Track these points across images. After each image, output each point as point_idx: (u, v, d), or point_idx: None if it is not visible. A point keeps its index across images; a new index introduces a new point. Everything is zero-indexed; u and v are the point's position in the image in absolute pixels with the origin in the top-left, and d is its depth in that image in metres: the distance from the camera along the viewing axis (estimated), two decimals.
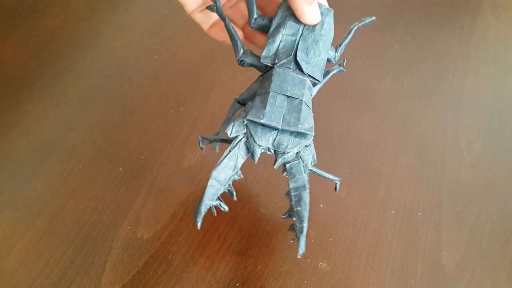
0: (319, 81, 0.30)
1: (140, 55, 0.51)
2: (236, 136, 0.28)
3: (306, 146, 0.28)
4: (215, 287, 0.35)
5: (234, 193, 0.28)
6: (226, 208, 0.28)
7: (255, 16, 0.30)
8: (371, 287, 0.35)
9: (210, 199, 0.27)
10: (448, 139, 0.44)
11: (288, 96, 0.28)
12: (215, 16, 0.32)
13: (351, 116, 0.45)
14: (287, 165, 0.28)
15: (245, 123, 0.28)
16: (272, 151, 0.28)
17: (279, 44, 0.29)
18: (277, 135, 0.27)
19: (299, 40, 0.29)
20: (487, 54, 0.52)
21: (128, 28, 0.53)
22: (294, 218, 0.27)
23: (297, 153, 0.28)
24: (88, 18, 0.54)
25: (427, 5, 0.57)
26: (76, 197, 0.39)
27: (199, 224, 0.27)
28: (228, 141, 0.29)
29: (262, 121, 0.27)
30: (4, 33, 0.52)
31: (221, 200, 0.28)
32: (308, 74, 0.29)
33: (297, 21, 0.29)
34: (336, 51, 0.31)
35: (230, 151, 0.27)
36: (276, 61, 0.28)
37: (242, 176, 0.28)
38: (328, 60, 0.31)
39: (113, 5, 0.56)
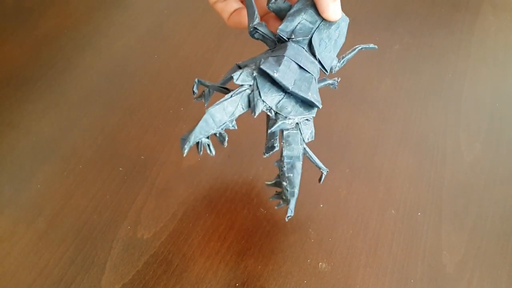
0: (326, 72, 0.30)
1: (140, 55, 0.51)
2: (241, 85, 0.27)
3: (307, 120, 0.28)
4: (215, 287, 0.35)
5: (226, 139, 0.27)
6: (213, 152, 0.27)
7: None
8: (371, 287, 0.35)
9: (200, 133, 0.26)
10: (448, 139, 0.44)
11: (301, 67, 0.28)
12: (234, 6, 0.32)
13: (351, 116, 0.45)
14: (285, 133, 0.27)
15: (254, 74, 0.27)
16: (273, 112, 0.27)
17: (297, 25, 0.29)
18: (282, 98, 0.27)
19: (315, 30, 0.29)
20: (487, 54, 0.52)
21: (128, 28, 0.53)
22: (284, 183, 0.27)
23: (297, 123, 0.28)
24: (88, 18, 0.54)
25: (427, 5, 0.57)
26: (76, 197, 0.39)
27: (186, 151, 0.26)
28: (227, 91, 0.28)
29: (275, 75, 0.26)
30: (4, 33, 0.52)
31: (210, 142, 0.27)
32: (319, 60, 0.29)
33: (317, 13, 0.29)
34: (339, 61, 0.31)
35: (232, 96, 0.27)
36: (293, 36, 0.29)
37: (236, 127, 0.27)
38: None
39: (113, 5, 0.56)
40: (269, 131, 0.27)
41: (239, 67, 0.30)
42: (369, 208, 0.39)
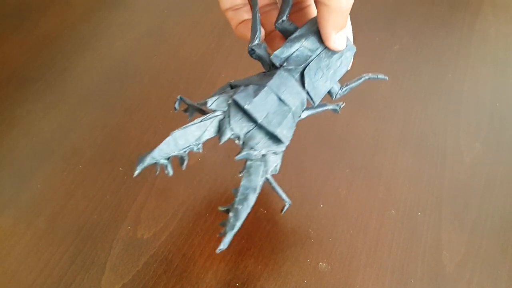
0: (314, 104, 0.29)
1: (140, 55, 0.51)
2: (214, 110, 0.27)
3: (275, 153, 0.27)
4: (215, 287, 0.35)
5: (186, 162, 0.27)
6: (171, 172, 0.27)
7: (284, 18, 0.29)
8: (371, 287, 0.35)
9: (159, 155, 0.26)
10: (448, 139, 0.44)
11: (281, 100, 0.27)
12: (244, 16, 0.32)
13: (351, 116, 0.45)
14: (248, 163, 0.27)
15: (229, 102, 0.27)
16: (241, 142, 0.27)
17: (294, 52, 0.28)
18: (252, 129, 0.27)
19: (314, 58, 0.28)
20: (487, 54, 0.52)
21: (128, 28, 0.53)
22: (231, 214, 0.26)
23: (264, 155, 0.27)
24: (88, 18, 0.54)
25: (427, 5, 0.57)
26: (76, 197, 0.39)
27: (136, 172, 0.26)
28: (205, 112, 0.28)
29: (246, 107, 0.26)
30: (4, 33, 0.52)
31: (169, 162, 0.27)
32: (308, 92, 0.28)
33: (320, 40, 0.28)
34: (341, 88, 0.31)
35: (202, 121, 0.27)
36: (285, 64, 0.28)
37: (201, 151, 0.27)
38: (329, 93, 0.30)
39: (113, 5, 0.56)
40: (235, 157, 0.27)
41: (231, 86, 0.30)
42: (369, 208, 0.39)
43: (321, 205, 0.39)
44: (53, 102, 0.46)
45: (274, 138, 0.27)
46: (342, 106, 0.35)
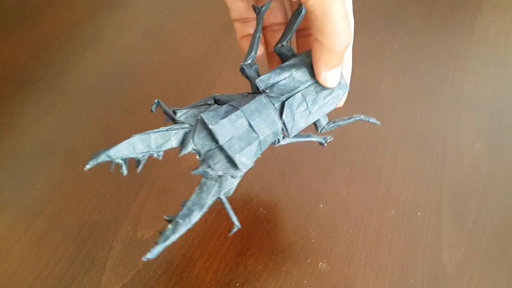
0: (288, 135, 0.28)
1: (140, 55, 0.51)
2: (183, 122, 0.27)
3: (232, 176, 0.27)
4: (215, 287, 0.35)
5: (141, 165, 0.27)
6: (125, 172, 0.27)
7: (284, 43, 0.29)
8: (371, 287, 0.35)
9: (115, 155, 0.26)
10: (448, 139, 0.44)
11: (250, 126, 0.27)
12: (250, 30, 0.32)
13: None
14: (203, 179, 0.27)
15: (197, 117, 0.27)
16: (201, 158, 0.27)
17: (281, 80, 0.27)
18: (214, 148, 0.27)
19: (301, 90, 0.27)
20: (487, 54, 0.52)
21: (128, 28, 0.53)
22: (170, 226, 0.26)
23: (220, 176, 0.27)
24: (88, 18, 0.54)
25: (427, 5, 0.57)
26: (76, 197, 0.39)
27: (87, 167, 0.26)
28: (173, 122, 0.28)
29: (211, 126, 0.26)
30: (5, 33, 0.52)
31: (125, 163, 0.27)
32: (284, 123, 0.27)
33: (312, 73, 0.27)
34: (328, 123, 0.30)
35: (167, 130, 0.26)
36: (268, 91, 0.27)
37: (161, 158, 0.27)
38: (315, 125, 0.30)
39: (113, 5, 0.56)
40: (192, 172, 0.27)
41: (215, 100, 0.29)
42: (369, 208, 0.39)
43: (321, 205, 0.39)
44: (53, 102, 0.46)
45: (233, 163, 0.27)
46: (329, 141, 0.33)
